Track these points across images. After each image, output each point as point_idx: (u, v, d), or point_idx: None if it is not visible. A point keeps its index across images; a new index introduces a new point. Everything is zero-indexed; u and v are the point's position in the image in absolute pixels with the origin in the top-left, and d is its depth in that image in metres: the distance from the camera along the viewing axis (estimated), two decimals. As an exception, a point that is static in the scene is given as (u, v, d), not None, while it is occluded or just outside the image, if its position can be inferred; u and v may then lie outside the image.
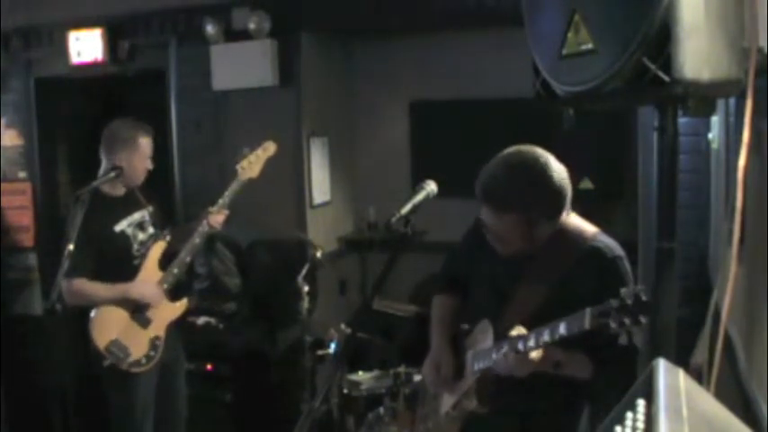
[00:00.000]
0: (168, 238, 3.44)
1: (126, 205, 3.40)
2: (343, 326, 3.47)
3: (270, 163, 3.46)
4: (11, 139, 5.29)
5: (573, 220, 2.13)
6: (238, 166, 3.41)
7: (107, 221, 3.31)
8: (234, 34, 4.59)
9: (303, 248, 4.18)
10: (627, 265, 2.07)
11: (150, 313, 3.32)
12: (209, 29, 4.57)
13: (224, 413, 4.23)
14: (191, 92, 4.80)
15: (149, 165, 3.43)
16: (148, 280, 3.33)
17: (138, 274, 3.33)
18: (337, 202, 5.21)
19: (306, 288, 3.56)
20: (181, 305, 3.44)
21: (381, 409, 3.22)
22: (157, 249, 3.40)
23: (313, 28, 4.71)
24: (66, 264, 3.03)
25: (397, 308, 3.98)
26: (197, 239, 3.35)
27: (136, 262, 3.34)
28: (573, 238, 2.09)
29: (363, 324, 3.49)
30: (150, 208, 3.48)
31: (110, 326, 3.25)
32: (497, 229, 2.09)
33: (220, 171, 4.71)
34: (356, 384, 3.41)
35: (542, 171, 2.00)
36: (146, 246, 3.39)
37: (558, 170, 2.04)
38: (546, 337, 1.87)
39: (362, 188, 5.48)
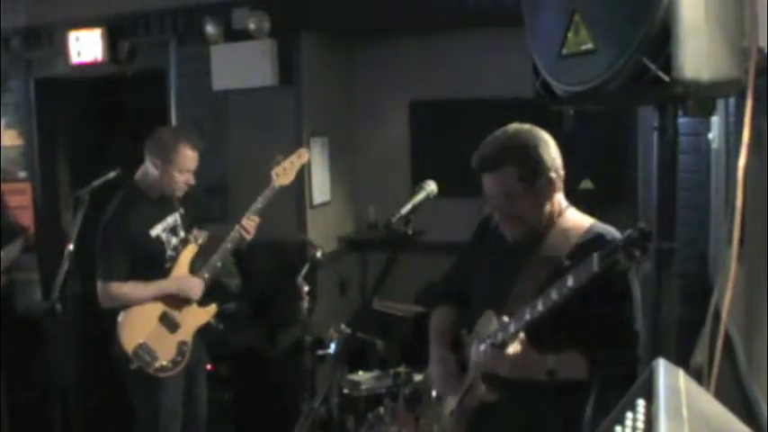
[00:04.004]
0: (200, 241, 3.40)
1: (161, 208, 3.34)
2: (343, 326, 3.47)
3: (269, 163, 3.46)
4: (11, 139, 5.28)
5: (570, 212, 2.14)
6: (273, 173, 3.36)
7: (143, 226, 3.25)
8: (234, 34, 4.58)
9: (303, 248, 4.18)
10: None
11: (179, 318, 3.30)
12: (209, 29, 4.57)
13: (224, 413, 4.22)
14: (191, 92, 4.79)
15: (190, 179, 3.29)
16: None
17: (169, 276, 3.32)
18: (337, 202, 5.20)
19: (306, 288, 3.56)
20: (209, 310, 3.43)
21: (381, 409, 3.22)
22: (188, 253, 3.38)
23: (313, 28, 4.70)
24: (99, 267, 3.08)
25: (397, 308, 3.98)
26: (228, 245, 3.33)
27: (167, 265, 3.32)
28: (571, 227, 2.08)
29: (363, 324, 3.50)
30: (181, 210, 3.43)
31: (138, 329, 3.20)
32: (497, 195, 2.06)
33: (220, 171, 4.72)
34: (356, 384, 3.41)
35: (532, 129, 2.08)
36: (177, 250, 3.36)
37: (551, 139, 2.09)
38: (554, 295, 1.84)
39: (362, 188, 5.48)
